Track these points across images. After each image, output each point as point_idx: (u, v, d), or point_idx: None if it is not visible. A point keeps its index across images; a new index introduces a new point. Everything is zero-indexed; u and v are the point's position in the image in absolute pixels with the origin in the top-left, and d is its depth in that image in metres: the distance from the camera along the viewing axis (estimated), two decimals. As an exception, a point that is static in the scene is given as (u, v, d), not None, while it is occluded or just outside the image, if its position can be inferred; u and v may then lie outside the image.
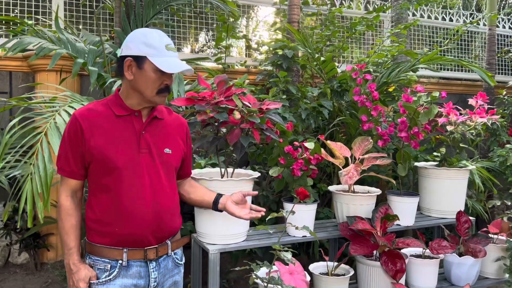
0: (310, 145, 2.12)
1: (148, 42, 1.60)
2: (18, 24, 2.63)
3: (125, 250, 1.59)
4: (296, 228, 1.65)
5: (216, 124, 1.97)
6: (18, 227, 2.93)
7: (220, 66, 3.63)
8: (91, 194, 1.64)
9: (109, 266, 1.59)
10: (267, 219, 1.76)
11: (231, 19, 3.48)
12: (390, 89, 3.30)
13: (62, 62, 3.32)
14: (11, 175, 2.20)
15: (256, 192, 1.91)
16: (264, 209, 1.83)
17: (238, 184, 1.98)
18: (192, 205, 1.97)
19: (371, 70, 3.45)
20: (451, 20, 5.65)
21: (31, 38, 2.54)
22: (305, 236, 2.21)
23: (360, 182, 3.24)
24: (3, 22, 2.65)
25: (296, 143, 2.22)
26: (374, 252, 2.17)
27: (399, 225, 2.47)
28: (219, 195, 1.84)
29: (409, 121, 2.35)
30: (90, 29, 4.09)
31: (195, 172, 2.12)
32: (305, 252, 3.71)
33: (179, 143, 1.76)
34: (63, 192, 1.62)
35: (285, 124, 2.24)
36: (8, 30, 2.55)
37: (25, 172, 1.95)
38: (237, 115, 1.82)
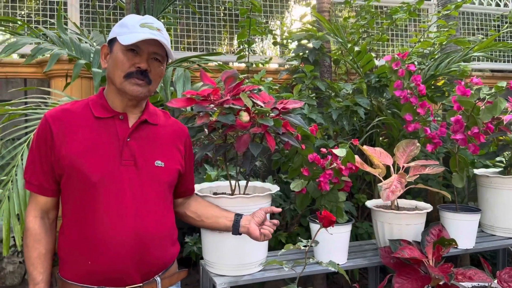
0: (340, 151, 1.71)
1: (123, 22, 1.30)
2: (17, 24, 2.39)
3: (100, 290, 1.25)
4: (319, 263, 1.25)
5: (221, 128, 1.61)
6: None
7: (243, 65, 3.28)
8: (63, 216, 1.31)
9: (79, 309, 1.26)
10: (279, 253, 1.37)
11: (255, 13, 3.12)
12: (440, 83, 2.81)
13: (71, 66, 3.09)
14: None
15: (279, 209, 1.53)
16: (277, 222, 1.46)
17: (250, 201, 1.61)
18: (205, 228, 1.62)
19: (416, 62, 2.97)
20: (506, 5, 5.02)
21: (27, 38, 2.29)
22: (338, 264, 1.79)
23: (404, 192, 2.79)
24: (1, 22, 2.42)
25: (323, 149, 1.82)
26: (426, 287, 1.72)
27: (456, 247, 2.00)
28: (238, 216, 1.49)
29: (465, 119, 1.89)
30: (107, 30, 3.88)
31: (197, 187, 1.76)
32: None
33: (175, 154, 1.41)
34: (31, 211, 1.31)
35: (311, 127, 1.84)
36: (6, 30, 2.32)
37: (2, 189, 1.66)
38: (244, 117, 1.45)
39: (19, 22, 2.48)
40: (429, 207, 1.93)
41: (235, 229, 1.48)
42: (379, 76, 2.57)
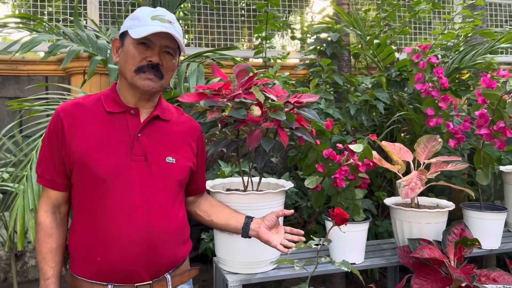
0: (357, 147, 1.65)
1: (134, 15, 1.29)
2: (33, 21, 2.41)
3: (109, 286, 1.24)
4: (332, 262, 1.21)
5: (234, 123, 1.57)
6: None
7: (261, 60, 3.23)
8: (74, 212, 1.31)
9: (90, 306, 1.25)
10: (289, 252, 1.33)
11: (273, 7, 3.07)
12: (464, 77, 2.70)
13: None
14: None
15: (291, 211, 1.49)
16: (302, 232, 1.41)
17: (262, 198, 1.57)
18: (215, 229, 1.60)
19: (439, 55, 2.86)
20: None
21: (44, 36, 2.30)
22: (354, 263, 1.74)
23: (426, 190, 2.69)
24: (22, 20, 2.45)
25: (339, 145, 1.76)
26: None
27: (480, 248, 1.91)
28: (248, 219, 1.45)
29: (491, 113, 1.79)
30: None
31: (210, 183, 1.73)
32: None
33: (187, 151, 1.38)
34: (43, 206, 1.30)
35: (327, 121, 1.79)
36: (24, 28, 2.34)
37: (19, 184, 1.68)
38: (256, 111, 1.41)
39: (37, 20, 2.51)
40: (451, 205, 1.85)
41: (245, 232, 1.45)
42: (399, 69, 2.49)
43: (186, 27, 4.11)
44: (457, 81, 2.71)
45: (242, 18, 4.09)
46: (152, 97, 1.34)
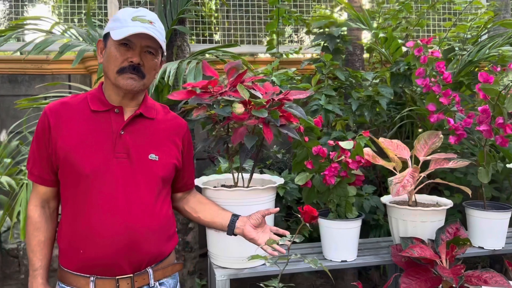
0: (347, 144, 1.64)
1: (116, 16, 1.33)
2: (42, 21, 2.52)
3: (92, 278, 1.29)
4: (304, 260, 1.21)
5: (222, 120, 1.60)
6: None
7: (272, 56, 3.23)
8: (61, 207, 1.37)
9: (74, 297, 1.31)
10: (275, 254, 1.34)
11: (284, 2, 3.06)
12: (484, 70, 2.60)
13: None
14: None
15: (276, 209, 1.50)
16: (287, 232, 1.42)
17: (249, 194, 1.59)
18: (203, 225, 1.63)
19: (457, 48, 2.76)
20: None
21: (56, 36, 2.41)
22: (345, 261, 1.73)
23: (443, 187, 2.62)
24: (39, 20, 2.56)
25: (331, 142, 1.75)
26: (440, 286, 1.60)
27: (482, 248, 1.85)
28: (234, 217, 1.48)
29: (492, 109, 1.73)
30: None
31: (205, 179, 1.77)
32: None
33: (171, 148, 1.41)
34: (32, 200, 1.37)
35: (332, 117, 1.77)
36: (37, 29, 2.46)
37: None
38: (238, 108, 1.42)
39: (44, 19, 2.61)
40: (449, 203, 1.80)
41: (230, 229, 1.47)
42: (408, 63, 2.42)
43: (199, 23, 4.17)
44: (472, 75, 2.61)
45: (259, 13, 4.10)
46: (135, 96, 1.38)
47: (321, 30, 2.41)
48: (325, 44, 2.42)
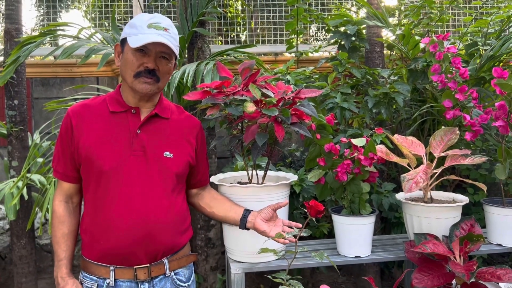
0: (358, 141, 1.66)
1: (132, 22, 1.41)
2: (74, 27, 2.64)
3: (111, 268, 1.38)
4: (313, 255, 1.25)
5: (236, 119, 1.65)
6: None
7: (294, 55, 3.26)
8: (84, 202, 1.48)
9: (96, 285, 1.40)
10: (286, 243, 1.38)
11: (304, 1, 3.10)
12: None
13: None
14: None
15: (285, 202, 1.55)
16: (299, 225, 1.47)
17: (262, 190, 1.63)
18: (217, 220, 1.69)
19: (480, 43, 2.71)
20: None
21: (82, 41, 2.53)
22: (359, 256, 1.75)
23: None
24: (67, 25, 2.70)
25: (343, 139, 1.77)
26: (453, 282, 1.60)
27: (501, 245, 1.83)
28: (246, 212, 1.54)
29: (508, 104, 1.71)
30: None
31: (221, 176, 1.83)
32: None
33: (185, 146, 1.49)
34: (57, 196, 1.48)
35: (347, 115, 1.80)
36: (65, 35, 2.59)
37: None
38: (249, 107, 1.47)
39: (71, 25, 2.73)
40: (465, 200, 1.79)
41: (242, 223, 1.53)
42: (426, 60, 2.40)
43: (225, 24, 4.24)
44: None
45: (280, 13, 4.13)
46: (151, 98, 1.46)
47: (337, 29, 2.43)
48: (342, 43, 2.43)
